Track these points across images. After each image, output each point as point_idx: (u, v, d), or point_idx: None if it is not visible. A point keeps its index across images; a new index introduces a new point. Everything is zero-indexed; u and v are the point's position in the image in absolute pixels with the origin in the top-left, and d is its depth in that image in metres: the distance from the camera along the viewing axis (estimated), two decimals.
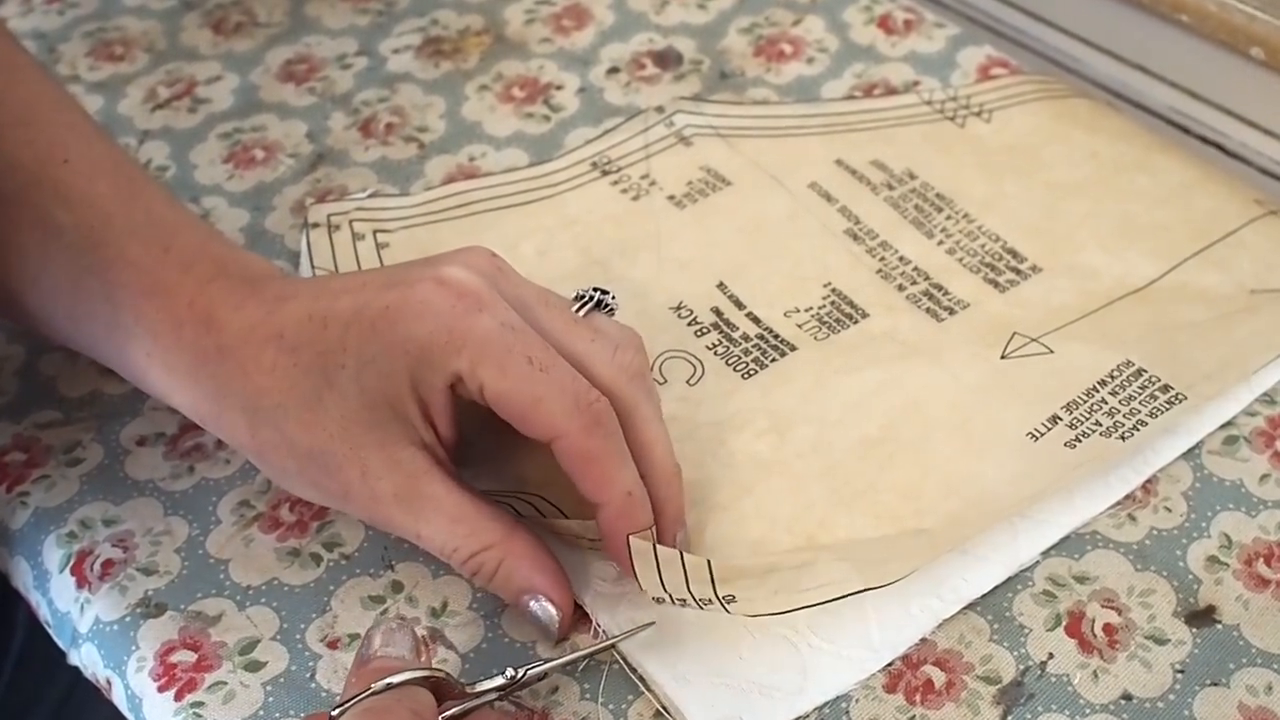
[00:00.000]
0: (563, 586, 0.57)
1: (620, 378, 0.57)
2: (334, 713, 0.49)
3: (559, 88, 0.80)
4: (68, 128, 0.62)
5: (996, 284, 0.68)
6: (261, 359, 0.56)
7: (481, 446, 0.60)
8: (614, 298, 0.60)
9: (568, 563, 0.58)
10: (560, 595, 0.57)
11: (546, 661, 0.55)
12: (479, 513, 0.56)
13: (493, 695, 0.54)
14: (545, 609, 0.56)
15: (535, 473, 0.61)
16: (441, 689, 0.51)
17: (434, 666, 0.51)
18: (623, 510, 0.55)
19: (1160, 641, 0.56)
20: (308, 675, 0.57)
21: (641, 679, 0.56)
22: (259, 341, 0.56)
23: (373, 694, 0.49)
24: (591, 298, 0.59)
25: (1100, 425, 0.62)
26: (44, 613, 0.63)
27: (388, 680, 0.49)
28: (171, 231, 0.60)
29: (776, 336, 0.66)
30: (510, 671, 0.54)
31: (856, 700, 0.55)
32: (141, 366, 0.59)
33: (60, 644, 0.62)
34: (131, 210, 0.60)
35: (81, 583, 0.61)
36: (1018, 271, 0.68)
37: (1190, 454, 0.62)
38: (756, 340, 0.66)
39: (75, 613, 0.61)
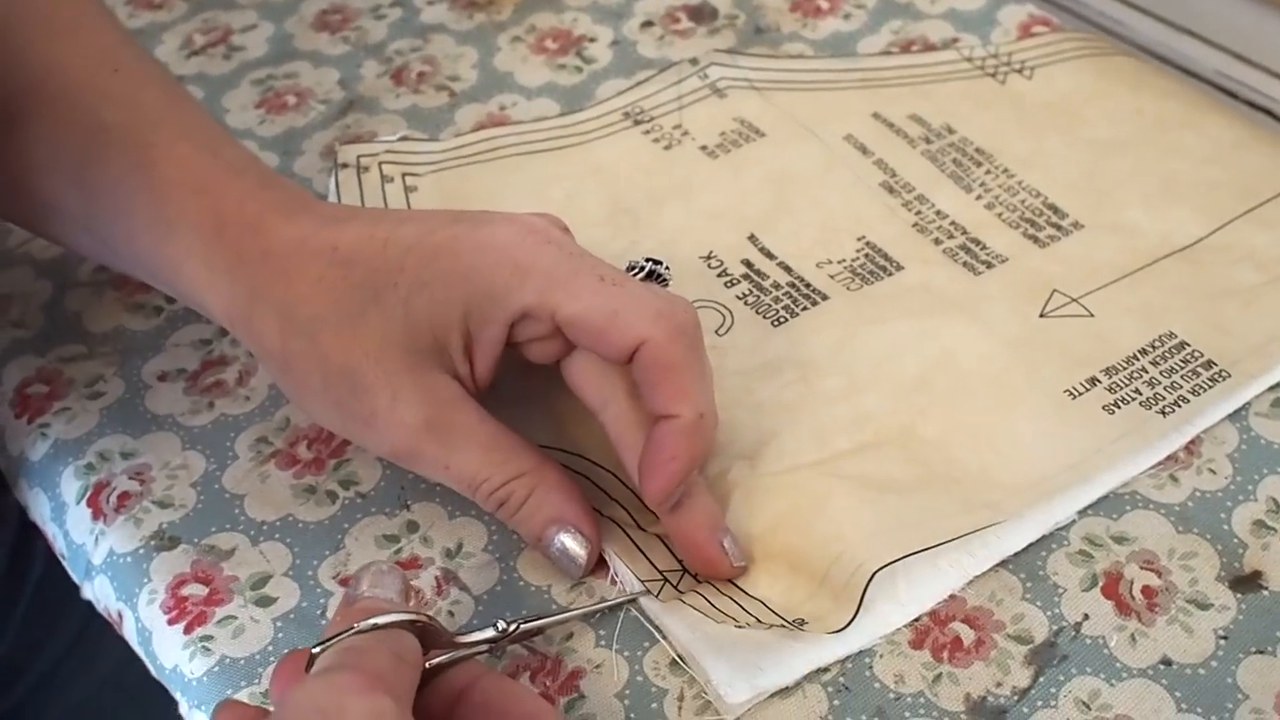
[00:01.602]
0: (593, 520, 0.56)
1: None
2: (315, 649, 0.47)
3: (592, 40, 0.78)
4: (117, 42, 0.62)
5: (1036, 239, 0.66)
6: (309, 268, 0.55)
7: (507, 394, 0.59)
8: (668, 268, 0.58)
9: None
10: (590, 528, 0.55)
11: (541, 617, 0.54)
12: (511, 442, 0.55)
13: (482, 648, 0.52)
14: (576, 539, 0.55)
15: (567, 427, 0.60)
16: (428, 635, 0.49)
17: (421, 611, 0.49)
18: (688, 430, 0.53)
19: (1203, 606, 0.55)
20: (318, 612, 0.56)
21: (658, 627, 0.54)
22: (309, 252, 0.55)
23: (356, 633, 0.47)
24: (644, 267, 0.57)
25: (1140, 394, 0.60)
26: (59, 545, 0.62)
27: (373, 620, 0.47)
28: (219, 141, 0.59)
29: (808, 285, 0.65)
30: (500, 624, 0.52)
31: (880, 655, 0.54)
32: (177, 262, 0.57)
33: (74, 577, 0.61)
34: (180, 117, 0.59)
35: (97, 514, 0.60)
36: (1059, 228, 0.67)
37: (1236, 415, 0.60)
38: (787, 288, 0.65)
39: (90, 545, 0.60)
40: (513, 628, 0.52)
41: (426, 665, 0.49)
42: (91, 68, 0.60)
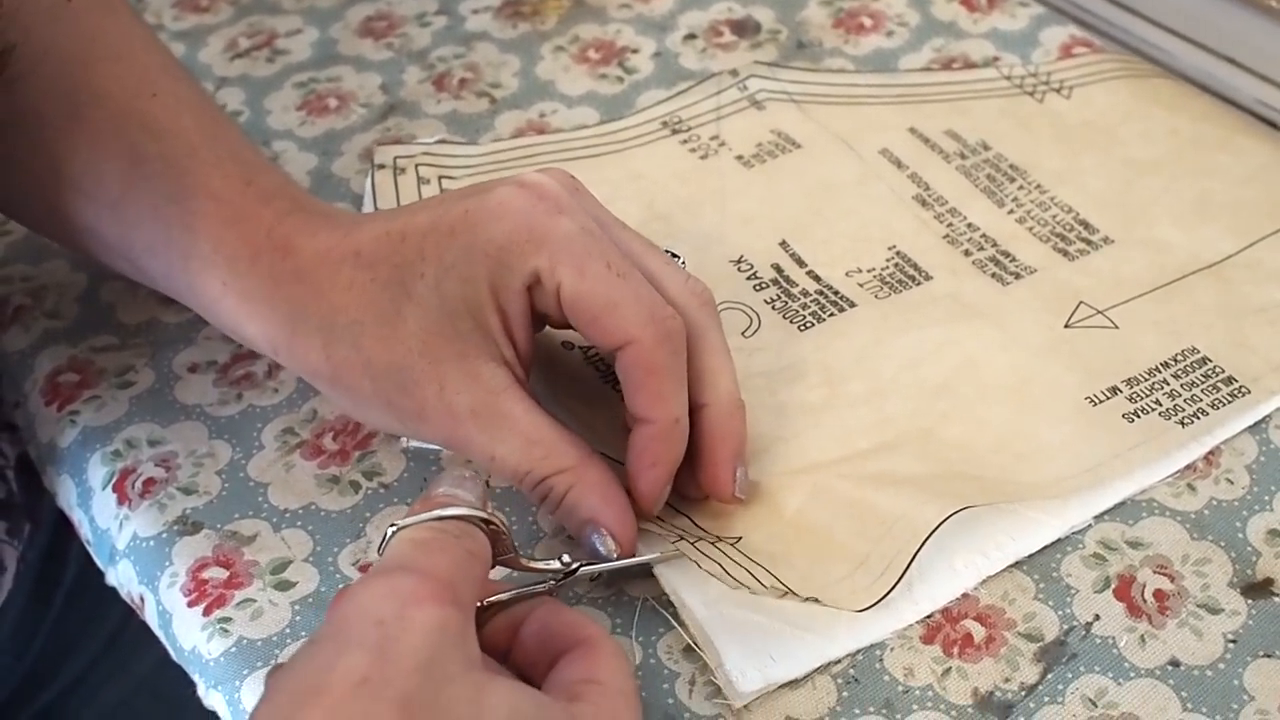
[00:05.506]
0: (627, 522, 0.55)
1: (693, 301, 0.56)
2: (391, 529, 0.47)
3: (635, 51, 0.79)
4: (157, 66, 0.62)
5: (1066, 253, 0.66)
6: (338, 278, 0.56)
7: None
8: (683, 262, 0.59)
9: None
10: (623, 531, 0.55)
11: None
12: (557, 435, 0.55)
13: (544, 579, 0.53)
14: (604, 543, 0.55)
15: (595, 426, 0.60)
16: (498, 543, 0.49)
17: (495, 515, 0.49)
18: (665, 434, 0.54)
19: (1213, 611, 0.55)
20: None
21: (674, 612, 0.55)
22: (335, 261, 0.56)
23: (424, 521, 0.47)
24: None
25: (1160, 405, 0.60)
26: (85, 531, 0.63)
27: (438, 512, 0.47)
28: (252, 169, 0.60)
29: (836, 293, 0.65)
30: (565, 558, 0.53)
31: (891, 649, 0.54)
32: (215, 295, 0.58)
33: (99, 562, 0.62)
34: (215, 145, 0.60)
35: (122, 500, 0.61)
36: (1088, 242, 0.67)
37: (1257, 428, 0.60)
38: (815, 295, 0.65)
39: (114, 529, 0.61)
40: (576, 566, 0.53)
41: (484, 603, 0.49)
42: (130, 94, 0.60)
